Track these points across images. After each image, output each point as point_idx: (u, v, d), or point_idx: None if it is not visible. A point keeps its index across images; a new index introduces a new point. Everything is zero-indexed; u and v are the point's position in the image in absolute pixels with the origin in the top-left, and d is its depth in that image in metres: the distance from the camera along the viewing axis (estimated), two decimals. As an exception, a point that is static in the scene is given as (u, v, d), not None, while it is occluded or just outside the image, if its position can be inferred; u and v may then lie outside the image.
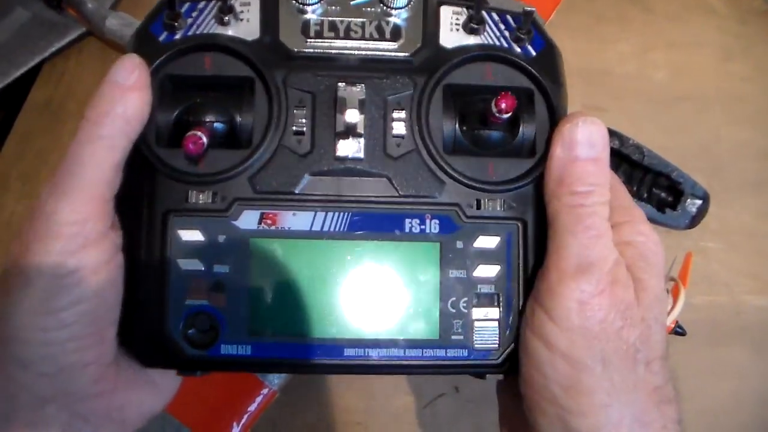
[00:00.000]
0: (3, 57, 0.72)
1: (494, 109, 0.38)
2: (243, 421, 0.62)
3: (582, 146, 0.38)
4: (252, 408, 0.62)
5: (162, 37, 0.40)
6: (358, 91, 0.39)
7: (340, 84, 0.39)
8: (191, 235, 0.39)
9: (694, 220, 0.68)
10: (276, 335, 0.39)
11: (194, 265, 0.39)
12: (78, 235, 0.35)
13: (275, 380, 0.62)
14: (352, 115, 0.38)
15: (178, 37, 0.40)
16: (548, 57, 0.42)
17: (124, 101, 0.36)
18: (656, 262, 0.39)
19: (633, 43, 0.79)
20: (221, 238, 0.39)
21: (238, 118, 0.40)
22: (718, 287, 0.70)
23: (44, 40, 0.73)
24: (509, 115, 0.38)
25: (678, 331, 0.64)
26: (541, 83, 0.41)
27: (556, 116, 0.41)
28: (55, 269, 0.35)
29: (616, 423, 0.35)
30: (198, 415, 0.62)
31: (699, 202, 0.67)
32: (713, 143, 0.75)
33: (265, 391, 0.62)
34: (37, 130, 0.73)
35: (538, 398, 0.37)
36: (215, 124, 0.40)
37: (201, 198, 0.39)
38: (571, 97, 0.43)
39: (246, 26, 0.41)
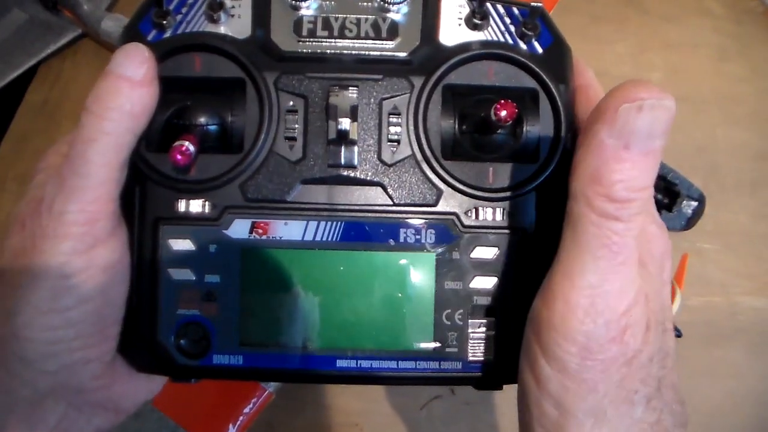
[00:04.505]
0: (-1, 58, 0.72)
1: (493, 117, 0.36)
2: (239, 422, 0.62)
3: (639, 138, 0.28)
4: (248, 409, 0.62)
5: (151, 36, 0.39)
6: (351, 96, 0.38)
7: (332, 88, 0.38)
8: (182, 245, 0.39)
9: (690, 222, 0.68)
10: (268, 345, 0.39)
11: (185, 274, 0.39)
12: (87, 235, 0.34)
13: (271, 382, 0.63)
14: (344, 123, 0.37)
15: (167, 35, 0.39)
16: (556, 54, 0.39)
17: (132, 97, 0.35)
18: (656, 272, 0.33)
19: (629, 44, 0.79)
20: (212, 248, 0.39)
21: (230, 121, 0.39)
22: (714, 288, 0.70)
23: (40, 41, 0.74)
24: (509, 123, 0.36)
25: (674, 332, 0.64)
26: (545, 83, 0.39)
27: (561, 119, 0.38)
28: (63, 269, 0.34)
29: None
30: (194, 416, 0.62)
31: (695, 203, 0.67)
32: (709, 144, 0.75)
33: (261, 392, 0.62)
34: (34, 132, 0.73)
35: (524, 430, 0.35)
36: (206, 128, 0.38)
37: (191, 206, 0.38)
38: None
39: (237, 23, 0.39)
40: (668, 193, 0.69)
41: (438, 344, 0.39)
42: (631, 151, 0.28)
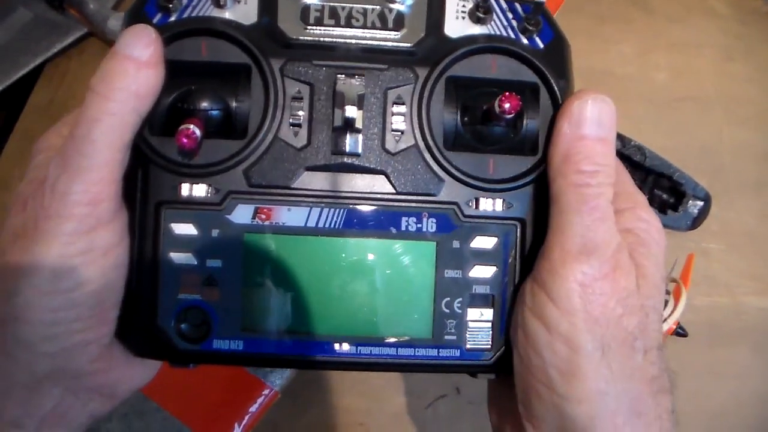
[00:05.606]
0: (5, 57, 0.73)
1: (497, 109, 0.37)
2: (244, 421, 0.62)
3: (590, 124, 0.36)
4: (253, 408, 0.63)
5: (156, 19, 0.39)
6: (358, 84, 0.38)
7: (339, 76, 0.38)
8: (184, 229, 0.39)
9: (696, 222, 0.68)
10: (268, 331, 0.39)
11: (187, 259, 0.39)
12: (89, 216, 0.34)
13: (277, 381, 0.63)
14: (351, 111, 0.37)
15: (172, 19, 0.39)
16: (556, 50, 0.40)
17: (138, 78, 0.35)
18: (657, 249, 0.38)
19: (634, 44, 0.79)
20: (215, 233, 0.39)
21: (234, 107, 0.39)
22: (719, 288, 0.70)
23: (46, 40, 0.74)
24: (512, 115, 0.37)
25: (679, 332, 0.64)
26: (546, 78, 0.39)
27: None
28: (64, 250, 0.34)
29: (613, 411, 0.35)
30: (199, 415, 0.62)
31: (700, 203, 0.68)
32: (714, 144, 0.75)
33: (266, 391, 0.63)
34: (39, 131, 0.72)
35: (535, 382, 0.36)
36: (210, 112, 0.38)
37: (194, 190, 0.38)
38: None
39: (244, 8, 0.39)
40: (674, 192, 0.69)
41: (436, 332, 0.39)
42: (587, 133, 0.36)
